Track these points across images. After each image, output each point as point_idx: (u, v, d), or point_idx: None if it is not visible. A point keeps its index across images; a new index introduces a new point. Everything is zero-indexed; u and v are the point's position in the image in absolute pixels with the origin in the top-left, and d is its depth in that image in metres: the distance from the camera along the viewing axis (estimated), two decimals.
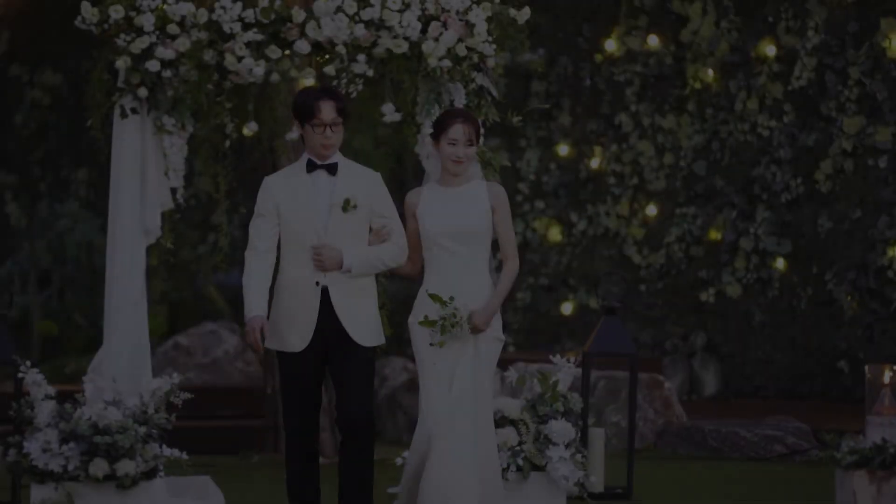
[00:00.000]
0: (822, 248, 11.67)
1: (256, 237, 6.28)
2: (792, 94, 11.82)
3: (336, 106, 6.23)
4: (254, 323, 6.19)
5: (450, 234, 6.14)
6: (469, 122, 6.27)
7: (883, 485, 5.23)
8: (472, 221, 6.17)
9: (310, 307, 6.15)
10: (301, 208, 6.18)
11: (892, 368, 5.45)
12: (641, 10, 12.41)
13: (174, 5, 7.57)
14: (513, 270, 6.21)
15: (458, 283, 6.12)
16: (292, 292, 6.20)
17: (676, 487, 8.64)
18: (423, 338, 6.15)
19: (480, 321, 6.09)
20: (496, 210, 6.19)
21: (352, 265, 6.15)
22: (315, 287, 6.13)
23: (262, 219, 6.28)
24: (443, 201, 6.21)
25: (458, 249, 6.14)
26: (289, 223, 6.21)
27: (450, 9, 7.74)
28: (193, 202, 13.70)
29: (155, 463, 7.28)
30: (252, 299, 6.24)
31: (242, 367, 11.75)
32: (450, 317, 6.05)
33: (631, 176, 12.54)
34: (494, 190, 6.25)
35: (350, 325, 6.15)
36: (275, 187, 6.29)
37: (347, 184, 6.23)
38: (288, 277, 6.23)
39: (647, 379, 10.32)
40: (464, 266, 6.14)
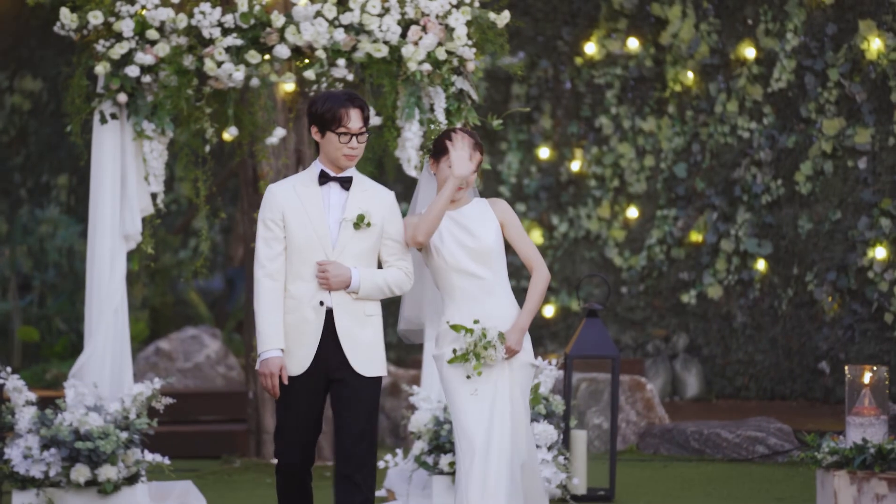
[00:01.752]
0: (803, 250, 11.71)
1: (265, 255, 5.69)
2: (771, 96, 11.86)
3: (363, 114, 5.70)
4: (272, 365, 5.59)
5: (468, 258, 5.74)
6: (477, 144, 5.87)
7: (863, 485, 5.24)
8: (489, 240, 5.77)
9: (312, 328, 5.63)
10: (309, 222, 5.66)
11: (872, 369, 5.47)
12: (621, 13, 12.44)
13: (153, 11, 7.56)
14: (539, 281, 5.78)
15: (484, 309, 5.71)
16: (292, 309, 5.66)
17: (659, 489, 8.66)
18: (453, 373, 5.70)
19: (513, 341, 5.67)
20: (506, 225, 5.82)
21: (359, 286, 5.65)
22: (319, 307, 5.64)
23: (269, 232, 5.69)
24: (451, 225, 5.79)
25: (481, 273, 5.75)
26: (295, 236, 5.68)
27: (429, 13, 7.74)
28: (174, 207, 13.68)
29: (137, 468, 7.27)
30: (268, 331, 5.62)
31: (224, 372, 11.73)
32: (479, 339, 5.63)
33: (612, 178, 12.56)
34: (499, 206, 5.86)
35: (353, 353, 5.64)
36: (281, 196, 5.71)
37: (361, 200, 5.70)
38: (289, 293, 5.68)
39: (629, 381, 10.34)
40: (488, 291, 5.74)
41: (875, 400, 5.39)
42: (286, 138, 9.18)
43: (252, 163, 9.53)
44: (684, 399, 12.08)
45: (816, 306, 11.58)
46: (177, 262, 13.42)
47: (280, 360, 5.58)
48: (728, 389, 12.07)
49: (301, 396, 5.61)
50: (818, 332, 11.57)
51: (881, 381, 5.38)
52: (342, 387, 5.62)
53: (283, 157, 9.37)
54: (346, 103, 5.64)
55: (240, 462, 9.52)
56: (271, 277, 5.64)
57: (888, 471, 5.26)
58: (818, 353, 11.58)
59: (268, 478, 8.92)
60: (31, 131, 14.38)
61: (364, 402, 5.62)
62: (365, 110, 5.69)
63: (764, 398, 11.85)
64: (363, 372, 5.63)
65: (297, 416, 5.63)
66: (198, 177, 7.96)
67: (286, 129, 8.51)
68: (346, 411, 5.60)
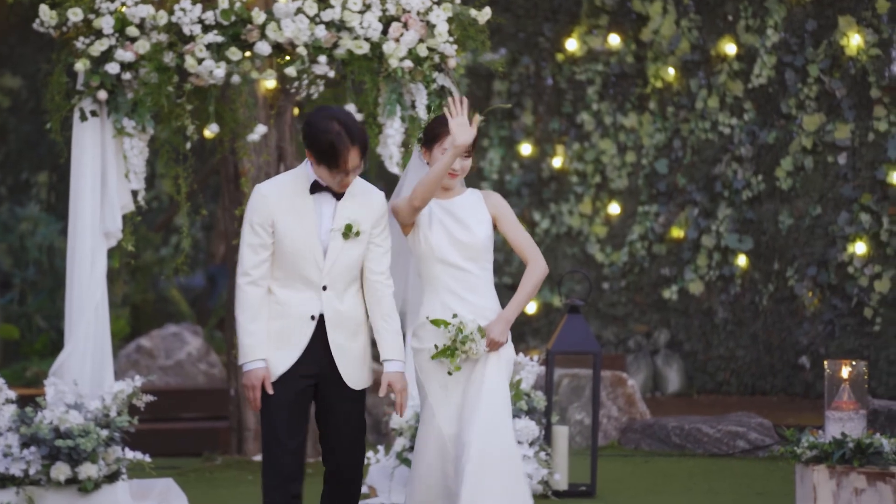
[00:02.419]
0: (784, 245, 11.75)
1: (251, 262, 5.45)
2: (752, 92, 11.89)
3: (360, 153, 5.41)
4: (254, 377, 5.39)
5: (456, 250, 5.53)
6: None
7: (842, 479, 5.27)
8: (479, 235, 5.55)
9: (299, 336, 5.44)
10: (301, 233, 5.44)
11: (851, 364, 5.49)
12: (602, 9, 12.45)
13: (133, 7, 7.54)
14: (533, 272, 5.53)
15: (465, 304, 5.51)
16: (278, 315, 5.45)
17: (640, 484, 8.68)
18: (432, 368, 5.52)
19: (497, 332, 5.46)
20: (500, 219, 5.58)
21: (404, 363, 5.53)
22: (310, 321, 5.43)
23: (256, 238, 5.44)
24: (443, 215, 5.58)
25: (467, 267, 5.53)
26: (285, 245, 5.45)
27: (410, 9, 7.74)
28: (155, 204, 13.66)
29: (117, 466, 7.25)
30: (249, 342, 5.40)
31: (206, 369, 11.71)
32: (457, 332, 5.43)
33: (593, 174, 12.58)
34: (492, 200, 5.62)
35: (344, 365, 5.46)
36: (272, 200, 5.46)
37: (350, 208, 5.48)
38: (275, 298, 5.47)
39: (611, 376, 10.36)
40: (473, 284, 5.53)
41: (854, 394, 5.42)
42: (267, 135, 9.18)
43: (233, 160, 9.52)
44: (665, 394, 12.11)
45: (797, 301, 11.62)
46: (158, 259, 13.40)
47: (262, 372, 5.39)
48: (709, 385, 12.11)
49: (286, 396, 5.42)
50: (798, 327, 11.61)
51: (860, 376, 5.41)
52: (332, 399, 5.46)
53: (264, 154, 9.36)
54: (346, 142, 5.35)
55: (221, 459, 9.51)
56: (255, 285, 5.44)
57: (867, 465, 5.29)
58: (798, 348, 11.62)
59: (249, 475, 8.92)
60: (10, 129, 14.34)
61: (352, 408, 5.48)
62: (364, 147, 5.41)
63: (745, 393, 11.89)
64: (354, 385, 5.48)
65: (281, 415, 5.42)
66: (179, 174, 7.94)
67: (267, 126, 8.50)
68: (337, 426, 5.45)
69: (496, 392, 5.44)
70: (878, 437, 5.35)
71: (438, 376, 5.50)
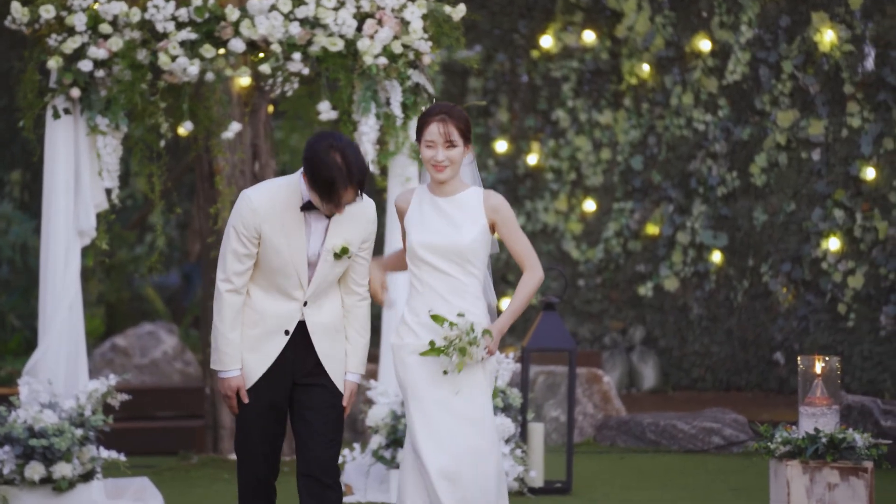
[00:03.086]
0: (758, 241, 11.79)
1: (234, 271, 5.30)
2: (726, 89, 11.92)
3: (357, 190, 5.21)
4: (227, 387, 5.35)
5: (440, 252, 5.28)
6: (450, 119, 5.35)
7: (815, 474, 5.29)
8: (466, 239, 5.28)
9: (274, 342, 5.34)
10: (287, 249, 5.27)
11: (825, 359, 5.52)
12: (577, 6, 12.47)
13: (106, 4, 7.51)
14: (529, 281, 5.31)
15: (450, 307, 5.26)
16: (255, 324, 5.34)
17: (615, 480, 8.70)
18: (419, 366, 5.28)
19: (492, 342, 5.24)
20: (499, 225, 5.32)
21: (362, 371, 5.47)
22: (283, 335, 5.34)
23: (242, 248, 5.27)
24: (433, 212, 5.34)
25: (450, 270, 5.28)
26: (269, 260, 5.29)
27: (385, 6, 7.74)
28: (130, 203, 13.60)
29: (92, 465, 7.23)
30: (226, 349, 5.33)
31: (181, 368, 11.68)
32: (467, 333, 5.14)
33: (568, 171, 12.60)
34: (492, 202, 5.33)
35: (328, 361, 5.35)
36: (263, 212, 5.26)
37: (343, 225, 5.30)
38: (252, 305, 5.36)
39: (586, 373, 10.38)
40: (456, 290, 5.27)
41: (827, 390, 5.44)
42: (242, 133, 9.15)
43: (208, 158, 9.49)
44: (641, 391, 12.14)
45: (771, 297, 11.67)
46: (133, 257, 13.36)
47: (238, 381, 5.34)
48: (684, 381, 12.14)
49: (261, 402, 5.33)
50: (773, 323, 11.65)
51: (833, 372, 5.43)
52: (314, 391, 5.34)
53: (238, 152, 9.33)
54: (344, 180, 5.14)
55: (197, 458, 9.49)
56: (237, 293, 5.32)
57: (840, 460, 5.31)
58: (773, 343, 11.67)
59: (225, 473, 8.90)
60: None
61: (334, 407, 5.37)
62: (362, 184, 5.20)
63: (720, 389, 11.93)
64: (337, 381, 5.38)
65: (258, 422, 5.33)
66: (153, 172, 7.92)
67: (242, 124, 8.48)
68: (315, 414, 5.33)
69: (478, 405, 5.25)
70: (850, 432, 5.37)
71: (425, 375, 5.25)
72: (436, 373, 5.21)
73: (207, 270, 9.66)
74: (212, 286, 9.55)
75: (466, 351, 5.13)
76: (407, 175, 7.89)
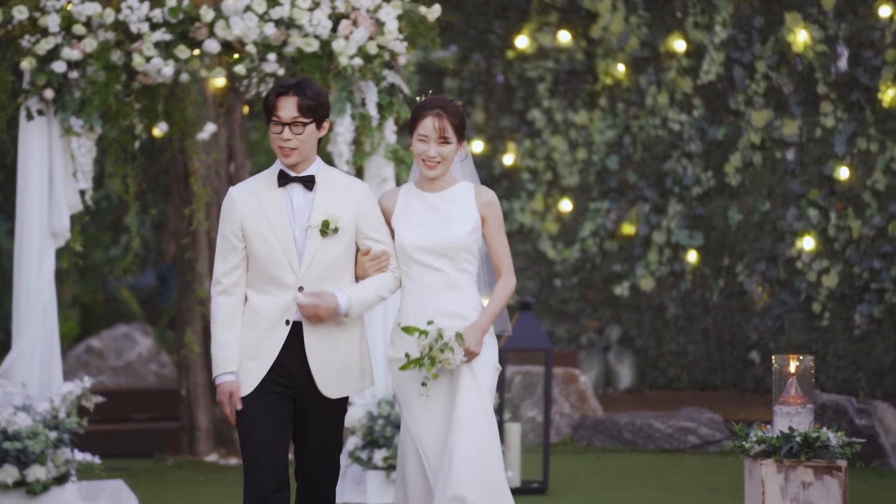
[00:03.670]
0: (733, 241, 11.83)
1: (220, 270, 5.16)
2: (701, 89, 11.96)
3: (299, 103, 5.05)
4: (221, 393, 5.12)
5: (430, 248, 5.14)
6: (445, 114, 5.18)
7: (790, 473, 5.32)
8: (459, 234, 5.16)
9: (271, 345, 5.12)
10: (271, 233, 5.09)
11: (799, 358, 5.54)
12: (552, 6, 12.49)
13: (80, 5, 7.48)
14: (507, 286, 5.21)
15: (443, 304, 5.13)
16: (253, 324, 5.14)
17: (592, 480, 8.71)
18: (407, 380, 5.14)
19: (472, 342, 5.08)
20: (488, 221, 5.19)
21: (350, 309, 5.10)
22: (284, 325, 5.10)
23: (226, 244, 5.15)
24: (422, 208, 5.20)
25: (442, 266, 5.16)
26: (256, 248, 5.12)
27: (360, 7, 7.73)
28: (105, 204, 13.56)
29: (66, 468, 7.20)
30: (219, 354, 5.12)
31: (156, 370, 11.65)
32: (436, 341, 5.03)
33: (544, 171, 12.62)
34: (485, 198, 5.22)
35: (321, 374, 5.11)
36: (240, 201, 5.13)
37: (327, 201, 5.10)
38: (250, 306, 5.16)
39: (563, 373, 10.39)
40: (449, 285, 5.15)
41: (802, 389, 5.46)
42: (217, 134, 9.13)
43: (183, 158, 9.47)
44: (617, 391, 12.17)
45: (746, 297, 11.71)
46: (107, 259, 13.31)
47: (231, 385, 5.10)
48: (660, 380, 12.18)
49: (261, 410, 5.09)
50: (748, 322, 11.70)
51: (807, 371, 5.46)
52: (307, 411, 5.13)
53: (213, 153, 9.32)
54: (279, 90, 5.08)
55: (172, 460, 9.46)
56: (226, 293, 5.14)
57: (814, 459, 5.34)
58: (748, 343, 11.71)
59: (201, 475, 8.88)
60: None
61: (330, 416, 5.14)
62: (303, 98, 5.05)
63: (696, 388, 11.96)
64: (330, 394, 5.13)
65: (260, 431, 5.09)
66: (127, 173, 7.89)
67: (217, 125, 8.46)
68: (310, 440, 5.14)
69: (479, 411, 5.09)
70: (824, 431, 5.40)
71: (416, 387, 5.12)
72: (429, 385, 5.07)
73: (183, 271, 9.64)
74: (187, 287, 9.58)
75: (438, 358, 5.01)
76: (383, 176, 7.89)
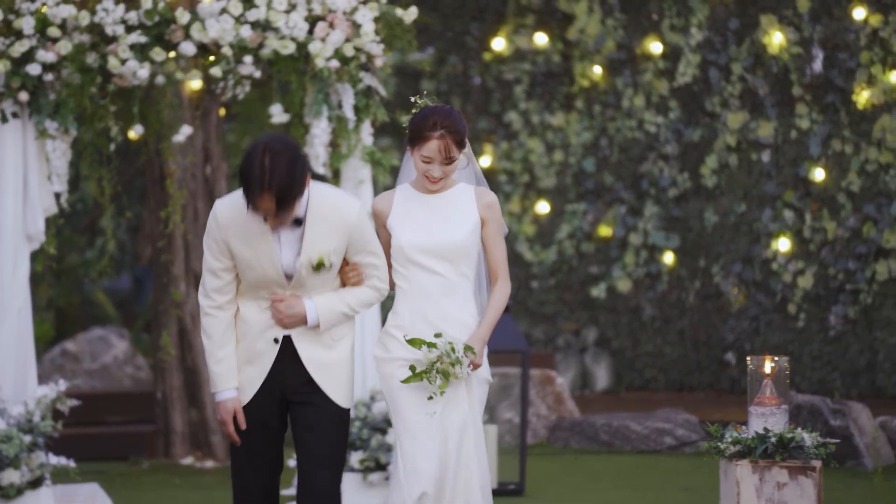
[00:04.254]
0: (709, 242, 11.87)
1: (213, 287, 4.95)
2: (677, 91, 12.00)
3: (275, 200, 4.75)
4: (225, 409, 4.93)
5: (430, 250, 5.01)
6: (449, 135, 5.08)
7: (765, 474, 5.34)
8: (459, 236, 5.03)
9: (264, 355, 4.94)
10: (257, 260, 4.90)
11: (774, 359, 5.56)
12: (529, 8, 12.51)
13: (55, 8, 7.46)
14: (504, 293, 5.08)
15: (440, 311, 5.01)
16: (243, 335, 4.97)
17: (569, 482, 8.73)
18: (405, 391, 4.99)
19: (475, 356, 4.96)
20: (487, 222, 5.07)
21: (317, 320, 4.91)
22: (273, 343, 4.94)
23: (216, 262, 4.93)
24: (421, 210, 5.06)
25: (441, 270, 5.02)
26: (242, 270, 4.93)
27: (336, 9, 7.73)
28: (80, 206, 13.50)
29: (41, 472, 7.17)
30: (219, 370, 4.93)
31: (132, 373, 11.61)
32: (448, 354, 4.87)
33: (521, 173, 12.63)
34: (486, 199, 5.10)
35: (319, 374, 4.94)
36: (224, 223, 4.89)
37: (319, 234, 4.88)
38: (241, 316, 5.00)
39: (540, 375, 10.41)
40: (447, 290, 5.02)
41: (776, 390, 5.48)
42: (193, 136, 9.12)
43: (159, 161, 9.45)
44: (594, 392, 12.19)
45: (722, 298, 11.75)
46: (83, 261, 13.26)
47: (234, 402, 4.91)
48: (637, 381, 12.20)
49: (254, 424, 4.93)
50: (724, 323, 11.73)
51: (782, 371, 5.48)
52: (307, 409, 4.96)
53: (189, 156, 9.30)
54: (259, 188, 4.71)
55: (148, 463, 9.44)
56: (221, 309, 4.94)
57: (789, 459, 5.36)
58: (724, 344, 11.75)
59: (176, 479, 8.86)
60: None
61: (332, 426, 4.96)
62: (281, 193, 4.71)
63: (672, 390, 12.00)
64: (333, 396, 4.95)
65: (249, 449, 4.92)
66: (103, 176, 7.87)
67: (193, 127, 8.45)
68: (310, 434, 4.95)
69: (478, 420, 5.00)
70: (799, 431, 5.42)
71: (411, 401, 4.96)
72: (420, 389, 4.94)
73: (159, 274, 9.61)
74: (163, 290, 9.56)
75: (450, 372, 4.87)
76: (360, 178, 7.89)
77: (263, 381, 4.94)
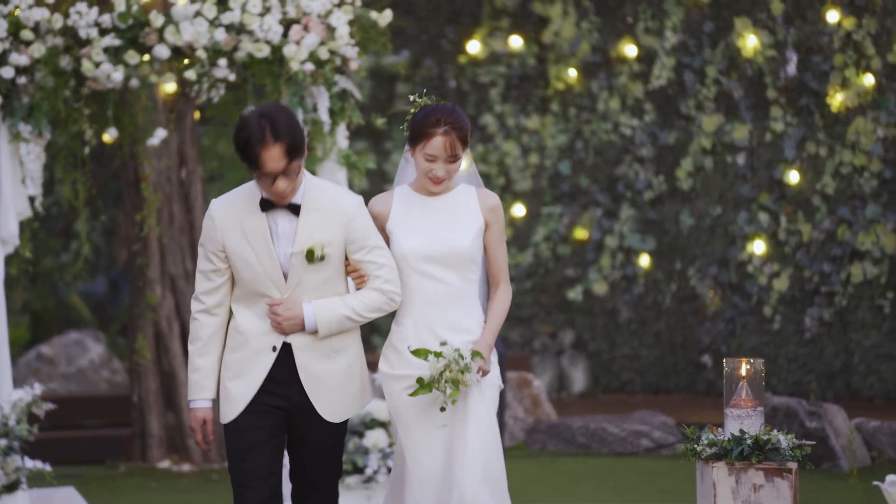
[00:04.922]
0: (685, 245, 11.90)
1: (203, 289, 4.84)
2: (652, 94, 12.03)
3: (285, 152, 4.66)
4: (195, 418, 4.86)
5: (435, 257, 4.84)
6: (454, 131, 4.94)
7: (741, 475, 5.35)
8: (464, 243, 4.86)
9: (260, 363, 4.80)
10: (254, 256, 4.77)
11: (749, 361, 5.57)
12: (503, 11, 12.52)
13: (28, 11, 7.43)
14: (506, 297, 4.95)
15: (447, 317, 4.85)
16: (239, 346, 4.84)
17: (546, 484, 8.73)
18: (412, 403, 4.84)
19: (483, 362, 4.82)
20: (490, 225, 4.93)
21: (316, 326, 4.76)
22: (271, 352, 4.80)
23: (208, 264, 4.82)
24: (422, 214, 4.90)
25: (446, 277, 4.85)
26: (240, 271, 4.80)
27: (311, 12, 7.72)
28: (55, 210, 13.45)
29: (17, 476, 7.14)
30: (195, 378, 4.84)
31: (108, 376, 11.57)
32: (456, 362, 4.71)
33: (497, 176, 12.64)
34: (489, 202, 4.97)
35: (317, 396, 4.80)
36: (220, 220, 4.79)
37: (314, 225, 4.76)
38: (236, 326, 4.87)
39: (517, 377, 10.41)
40: (453, 298, 4.86)
41: (752, 392, 5.50)
42: (168, 139, 9.09)
43: (133, 164, 9.42)
44: (571, 394, 12.20)
45: (698, 300, 11.78)
46: (58, 265, 13.21)
47: (205, 412, 4.85)
48: (614, 384, 12.22)
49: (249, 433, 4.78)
50: (700, 325, 11.77)
51: (758, 374, 5.49)
52: (303, 432, 4.84)
53: (164, 159, 9.27)
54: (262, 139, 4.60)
55: (124, 467, 9.40)
56: (209, 313, 4.85)
57: (765, 461, 5.37)
58: (701, 346, 11.78)
59: (153, 482, 8.83)
60: None
61: (329, 450, 4.87)
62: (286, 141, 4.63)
63: (649, 392, 12.02)
64: (329, 417, 4.82)
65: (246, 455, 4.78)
66: (77, 179, 7.84)
67: (168, 130, 8.42)
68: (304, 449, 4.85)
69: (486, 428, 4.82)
70: (775, 433, 5.43)
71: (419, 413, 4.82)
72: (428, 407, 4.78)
73: (134, 278, 9.58)
74: (139, 293, 9.53)
75: (460, 380, 4.70)
76: (335, 181, 7.88)
77: (261, 389, 4.81)
